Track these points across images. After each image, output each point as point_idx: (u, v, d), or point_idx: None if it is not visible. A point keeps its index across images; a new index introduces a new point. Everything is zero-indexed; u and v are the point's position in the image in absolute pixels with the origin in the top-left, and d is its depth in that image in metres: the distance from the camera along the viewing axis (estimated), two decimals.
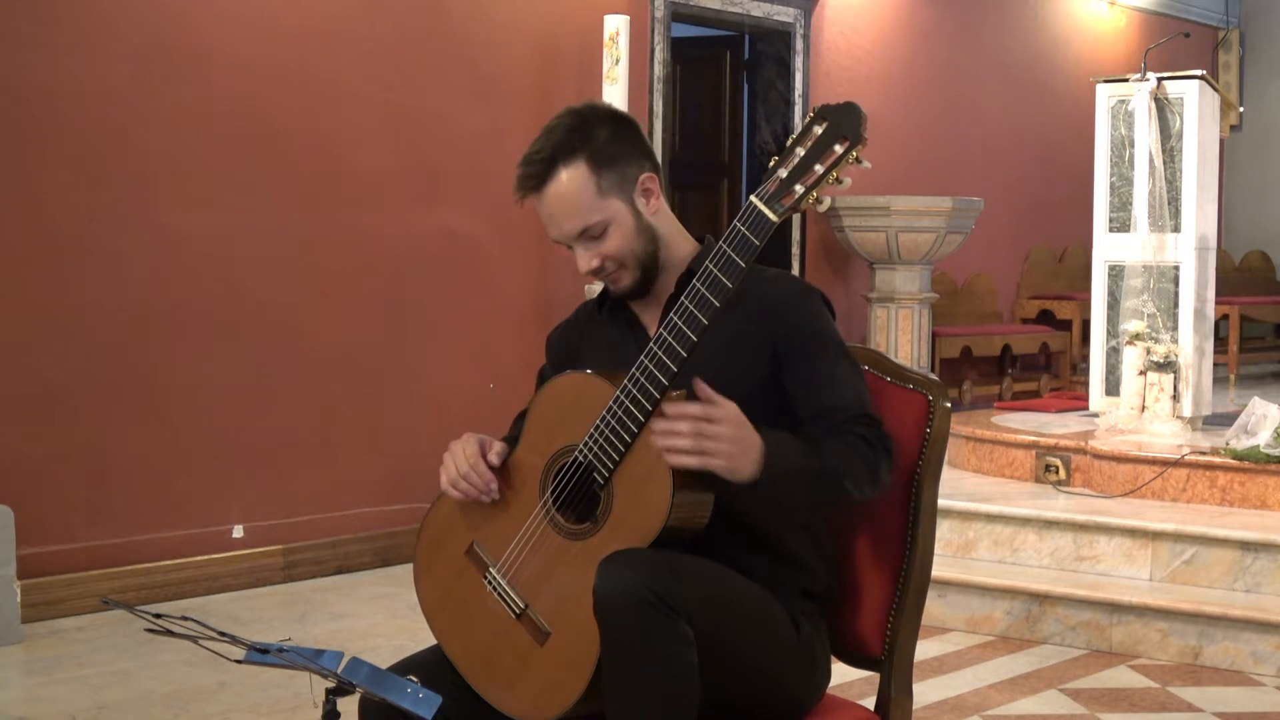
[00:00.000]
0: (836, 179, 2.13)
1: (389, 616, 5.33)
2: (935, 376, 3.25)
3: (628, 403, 2.21)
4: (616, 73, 6.90)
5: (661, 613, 2.09)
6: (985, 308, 9.76)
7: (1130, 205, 6.13)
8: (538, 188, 2.36)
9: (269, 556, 5.89)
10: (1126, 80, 6.16)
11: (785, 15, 8.33)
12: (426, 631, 2.43)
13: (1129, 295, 6.09)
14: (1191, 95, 6.02)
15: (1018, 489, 5.84)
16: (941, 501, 3.48)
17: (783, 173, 2.14)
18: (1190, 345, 5.98)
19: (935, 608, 5.16)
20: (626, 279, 2.41)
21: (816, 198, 2.14)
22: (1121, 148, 6.18)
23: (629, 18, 6.98)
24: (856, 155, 2.11)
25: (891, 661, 2.47)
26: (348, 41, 6.22)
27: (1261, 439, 5.42)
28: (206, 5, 5.77)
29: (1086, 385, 6.56)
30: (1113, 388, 6.18)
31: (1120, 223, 6.21)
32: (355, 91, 6.23)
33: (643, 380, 2.20)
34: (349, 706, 2.11)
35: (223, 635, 2.01)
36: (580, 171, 2.34)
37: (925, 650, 4.86)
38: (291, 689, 4.35)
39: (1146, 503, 5.44)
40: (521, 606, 2.30)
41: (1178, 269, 6.03)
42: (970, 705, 4.35)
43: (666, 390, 2.19)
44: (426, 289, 6.48)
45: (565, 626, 2.24)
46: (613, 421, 2.22)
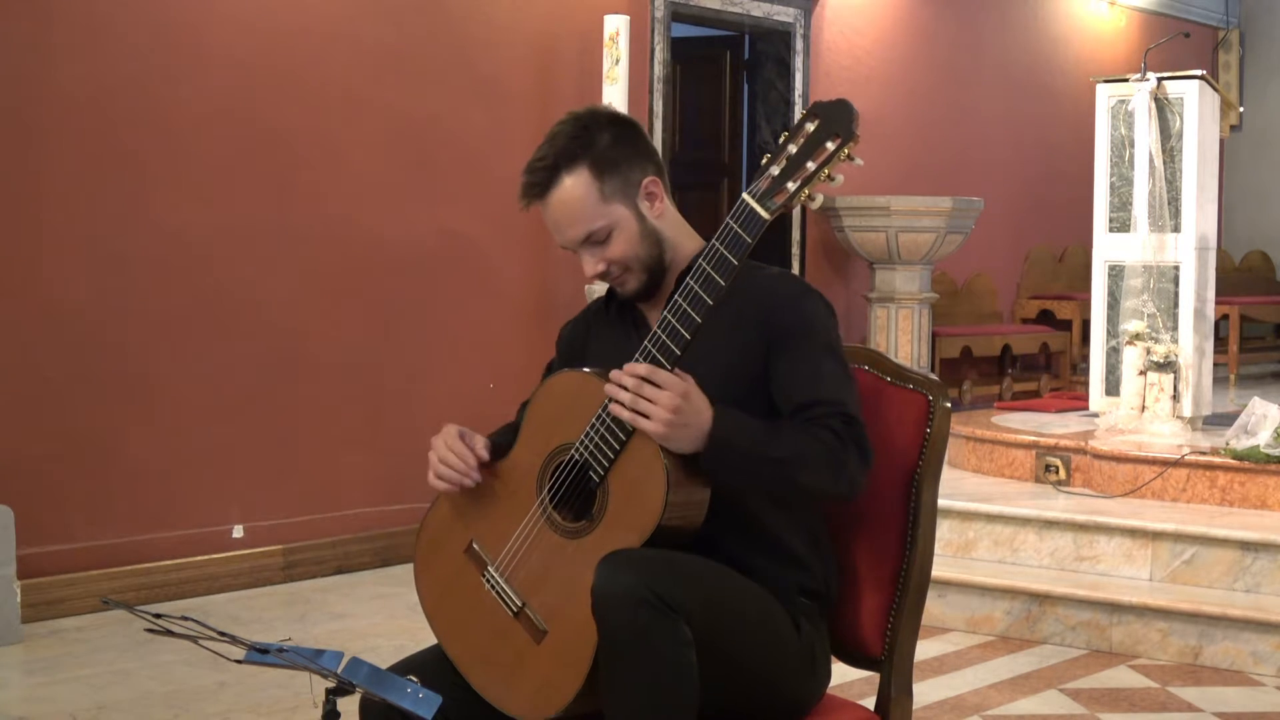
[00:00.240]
0: (829, 176, 2.13)
1: (389, 616, 5.33)
2: (935, 376, 3.25)
3: None
4: (616, 73, 6.90)
5: (660, 613, 2.10)
6: (985, 308, 9.77)
7: (1130, 205, 6.13)
8: (541, 195, 2.37)
9: (269, 556, 5.89)
10: (1126, 80, 6.16)
11: (785, 15, 8.33)
12: (426, 631, 2.43)
13: (1129, 295, 6.09)
14: (1191, 95, 6.02)
15: (1018, 489, 5.84)
16: (941, 501, 3.48)
17: (775, 170, 2.15)
18: (1190, 345, 5.98)
19: (935, 608, 5.16)
20: (632, 282, 2.42)
21: (809, 195, 2.14)
22: (1121, 148, 6.18)
23: (629, 18, 6.98)
24: (849, 152, 2.12)
25: (891, 661, 2.47)
26: (347, 42, 6.22)
27: (1261, 439, 5.42)
28: (206, 6, 5.77)
29: (1086, 385, 6.56)
30: (1113, 388, 6.18)
31: (1120, 223, 6.20)
32: (355, 92, 6.23)
33: None
34: (349, 706, 2.11)
35: (223, 635, 2.01)
36: (583, 178, 2.35)
37: (925, 650, 4.86)
38: (291, 689, 4.35)
39: (1146, 503, 5.44)
40: (519, 605, 2.30)
41: (1178, 269, 6.03)
42: (970, 705, 4.35)
43: None
44: (426, 289, 6.48)
45: (562, 624, 2.24)
46: (608, 419, 2.22)
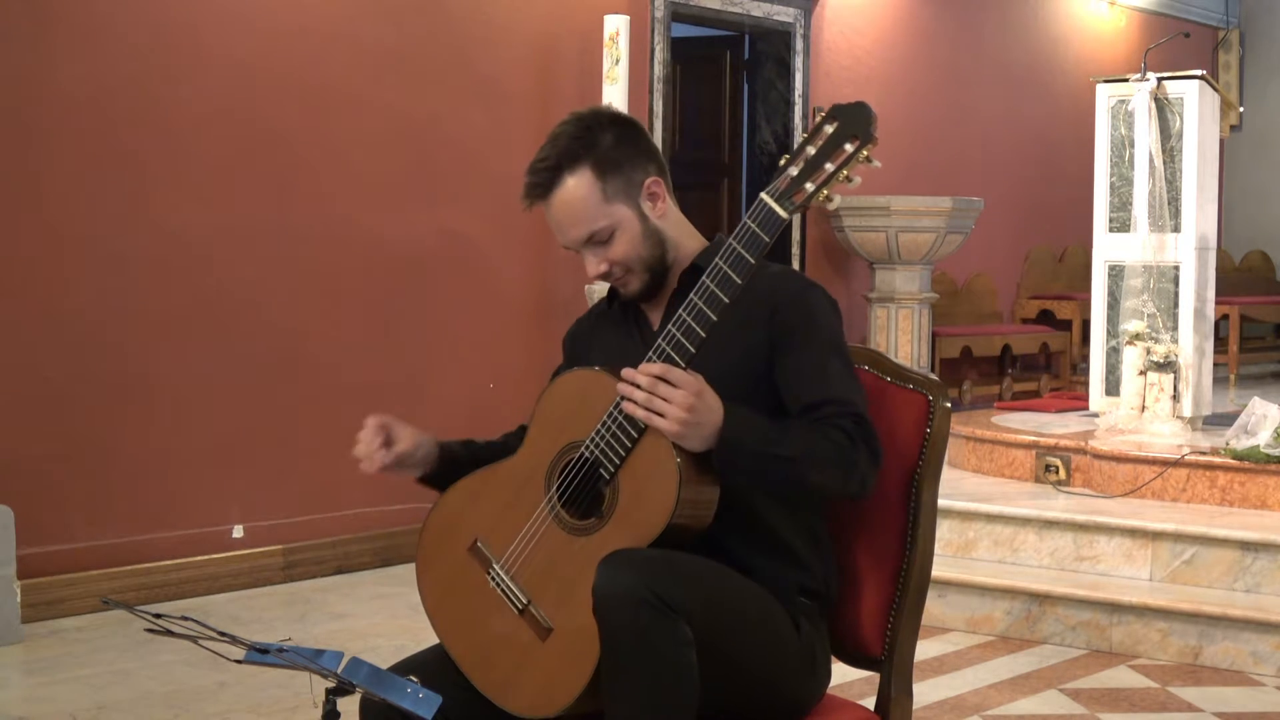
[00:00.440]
0: (847, 177, 2.16)
1: (389, 616, 5.33)
2: (935, 376, 3.25)
3: None
4: (616, 73, 6.90)
5: (661, 613, 2.10)
6: (985, 308, 9.77)
7: (1130, 205, 6.12)
8: (544, 196, 2.38)
9: (269, 556, 5.89)
10: (1126, 80, 6.16)
11: (785, 15, 8.33)
12: (427, 631, 2.43)
13: (1129, 295, 6.09)
14: (1191, 95, 6.02)
15: (1018, 489, 5.84)
16: (941, 501, 3.48)
17: (793, 170, 2.17)
18: (1190, 345, 5.98)
19: (935, 608, 5.16)
20: (635, 283, 2.42)
21: (827, 195, 2.16)
22: (1121, 148, 6.18)
23: (629, 18, 6.98)
24: (867, 154, 2.15)
25: (891, 661, 2.47)
26: (347, 42, 6.22)
27: (1261, 439, 5.42)
28: (206, 6, 5.77)
29: (1086, 385, 6.56)
30: (1113, 388, 6.18)
31: (1120, 223, 6.20)
32: (355, 92, 6.23)
33: None
34: (349, 706, 2.11)
35: (223, 635, 2.01)
36: (585, 178, 2.36)
37: (925, 650, 4.86)
38: (291, 689, 4.35)
39: (1146, 503, 5.44)
40: (524, 602, 2.30)
41: (1178, 269, 6.03)
42: (970, 705, 4.35)
43: None
44: (426, 289, 6.48)
45: (567, 623, 2.24)
46: (619, 417, 2.23)
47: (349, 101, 6.21)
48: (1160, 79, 6.04)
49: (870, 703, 2.52)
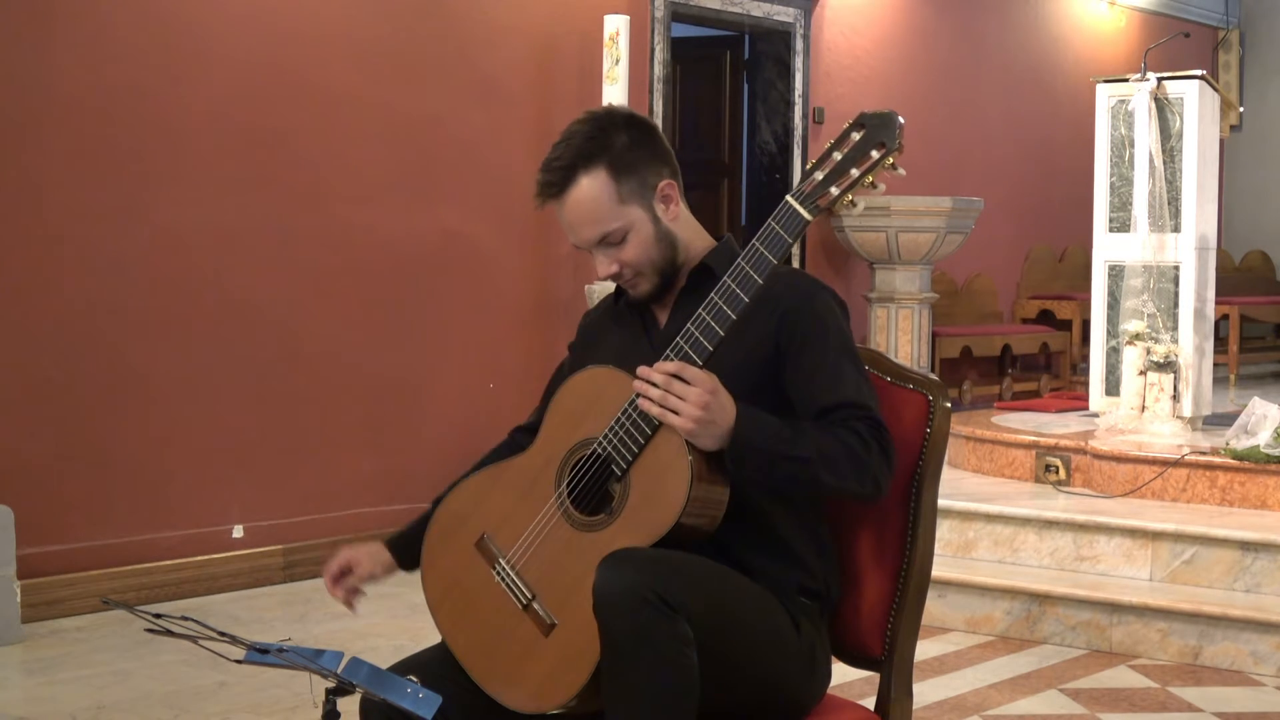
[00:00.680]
0: (872, 183, 2.21)
1: (389, 616, 5.33)
2: (935, 376, 3.25)
3: None
4: (616, 73, 6.90)
5: (661, 612, 2.10)
6: (985, 308, 9.77)
7: (1130, 205, 6.12)
8: (558, 195, 2.37)
9: (269, 556, 5.89)
10: (1126, 80, 6.16)
11: (785, 15, 8.33)
12: (426, 631, 2.43)
13: (1129, 295, 6.09)
14: (1191, 95, 6.02)
15: (1018, 489, 5.84)
16: (941, 501, 3.48)
17: (819, 175, 2.21)
18: (1190, 345, 5.98)
19: (935, 608, 5.15)
20: (644, 285, 2.43)
21: (851, 200, 2.20)
22: (1121, 148, 6.18)
23: (629, 18, 6.98)
24: (893, 162, 2.20)
25: (891, 661, 2.47)
26: (347, 42, 6.22)
27: (1261, 439, 5.42)
28: (206, 6, 5.77)
29: (1086, 385, 6.56)
30: (1113, 388, 6.18)
31: (1120, 223, 6.20)
32: (355, 91, 6.23)
33: None
34: (349, 706, 2.11)
35: (223, 635, 2.01)
36: (600, 179, 2.35)
37: (925, 650, 4.86)
38: (291, 689, 4.35)
39: (1146, 503, 5.44)
40: (529, 597, 2.30)
41: (1178, 269, 6.03)
42: (970, 705, 4.35)
43: None
44: (426, 289, 6.48)
45: (572, 618, 2.24)
46: (634, 414, 2.24)
47: (349, 101, 6.21)
48: (1160, 79, 6.04)
49: (870, 703, 2.52)
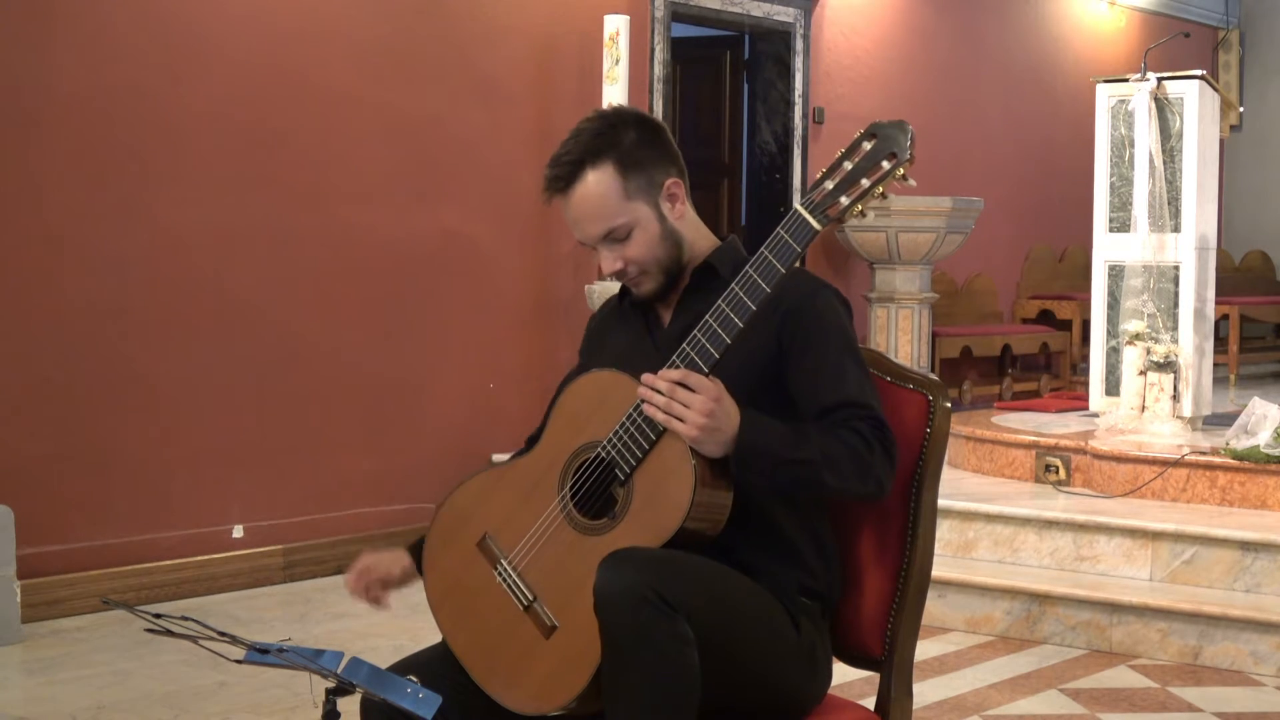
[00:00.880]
0: (882, 194, 2.20)
1: (389, 616, 5.30)
2: (935, 376, 3.25)
3: None
4: (616, 73, 6.90)
5: (661, 611, 2.10)
6: (985, 308, 9.76)
7: (1130, 205, 6.12)
8: (564, 189, 2.38)
9: (269, 556, 5.89)
10: (1126, 80, 6.16)
11: (785, 15, 8.33)
12: (426, 631, 2.43)
13: (1129, 295, 6.09)
14: (1191, 95, 6.02)
15: (1018, 489, 5.84)
16: (941, 501, 3.48)
17: (829, 184, 2.20)
18: (1190, 345, 5.98)
19: (935, 608, 5.15)
20: (649, 284, 2.43)
21: (861, 211, 2.19)
22: (1121, 148, 6.18)
23: (629, 18, 6.98)
24: (903, 173, 2.18)
25: (891, 661, 2.47)
26: (347, 41, 6.22)
27: (1261, 439, 5.42)
28: (206, 6, 5.77)
29: (1086, 385, 6.56)
30: (1113, 388, 6.17)
31: (1120, 223, 6.20)
32: (355, 91, 6.23)
33: None
34: (349, 706, 2.11)
35: (223, 635, 2.01)
36: (607, 174, 2.36)
37: (925, 650, 4.86)
38: (291, 689, 4.35)
39: (1146, 503, 5.44)
40: (530, 599, 2.30)
41: (1178, 269, 6.03)
42: (970, 705, 4.35)
43: None
44: (426, 289, 6.48)
45: (572, 621, 2.24)
46: (639, 419, 2.24)
47: (349, 101, 6.21)
48: (1160, 79, 6.04)
49: (870, 703, 2.52)
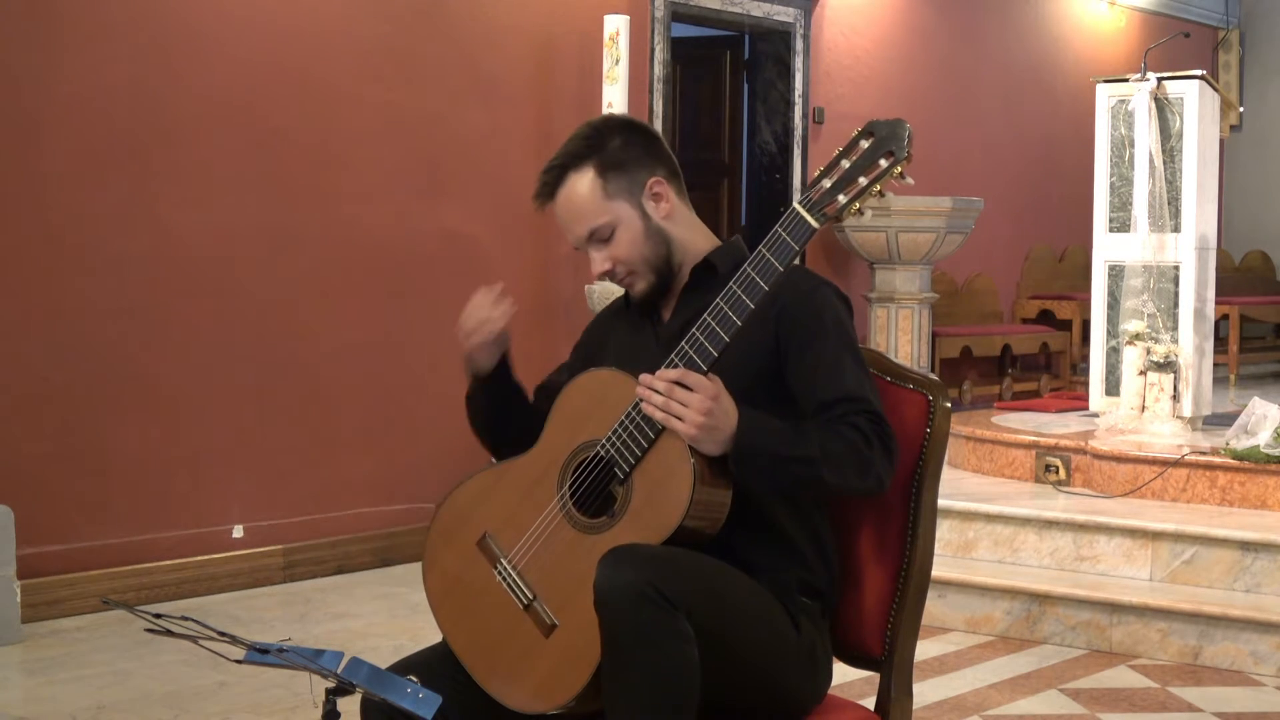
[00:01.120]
0: (879, 192, 2.21)
1: (389, 616, 5.33)
2: (935, 376, 3.25)
3: None
4: (616, 73, 6.90)
5: (661, 608, 2.10)
6: (985, 308, 9.76)
7: (1130, 205, 6.12)
8: (551, 195, 2.46)
9: (269, 556, 5.89)
10: (1126, 80, 6.16)
11: (785, 15, 8.33)
12: (426, 631, 2.43)
13: (1129, 295, 6.09)
14: (1191, 95, 6.02)
15: (1018, 489, 5.84)
16: (941, 501, 3.48)
17: (826, 183, 2.22)
18: (1190, 345, 5.98)
19: (935, 608, 5.15)
20: (640, 283, 2.46)
21: (859, 209, 2.20)
22: (1121, 148, 6.18)
23: (629, 18, 6.98)
24: (900, 171, 2.19)
25: (891, 661, 2.47)
26: (348, 41, 6.22)
27: (1261, 439, 5.42)
28: (206, 5, 5.76)
29: (1086, 385, 6.56)
30: (1113, 388, 6.18)
31: (1120, 223, 6.20)
32: (355, 91, 6.23)
33: None
34: (349, 706, 2.11)
35: (223, 635, 2.01)
36: (587, 176, 2.42)
37: (925, 650, 4.86)
38: (291, 689, 4.35)
39: (1146, 503, 5.44)
40: (530, 598, 2.31)
41: (1178, 269, 6.03)
42: (970, 705, 4.35)
43: None
44: (426, 288, 6.48)
45: (572, 619, 2.24)
46: (637, 418, 2.25)
47: (350, 101, 6.21)
48: (1160, 79, 6.04)
49: (870, 703, 2.52)
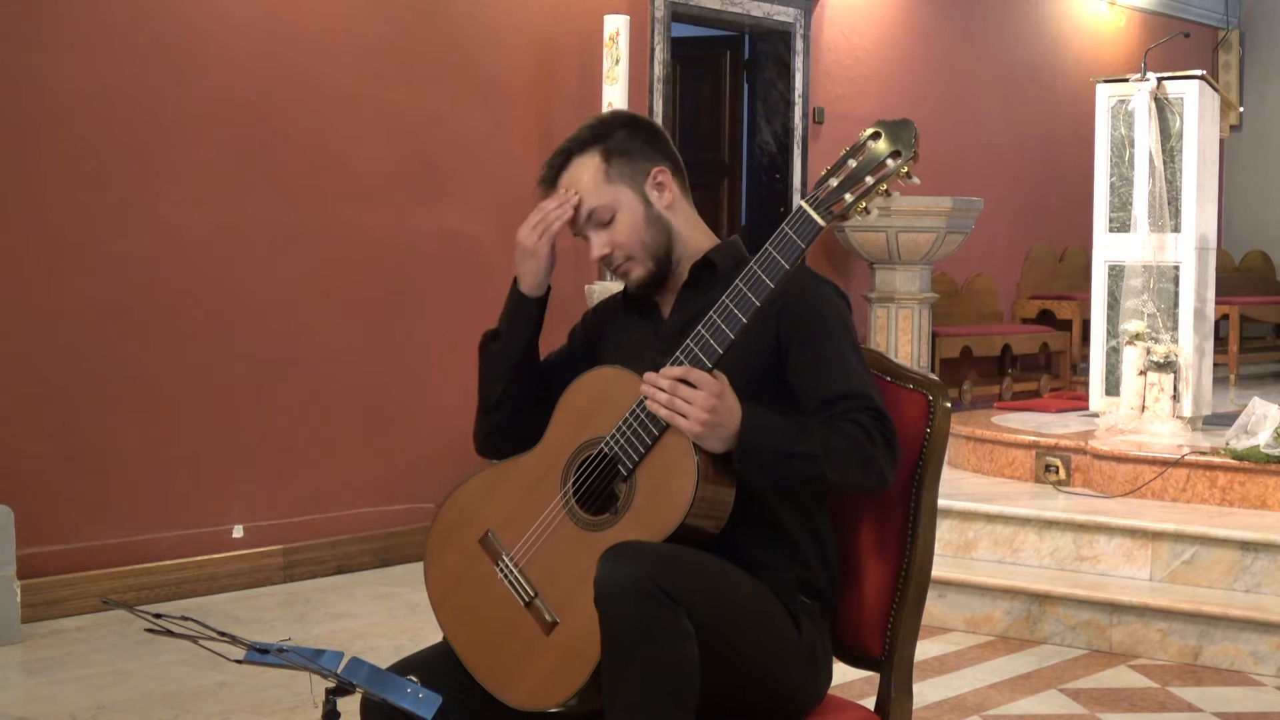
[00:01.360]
0: (886, 191, 2.22)
1: (389, 616, 5.33)
2: (935, 376, 3.26)
3: None
4: (616, 73, 6.90)
5: (661, 605, 2.10)
6: (985, 308, 9.77)
7: (1130, 205, 6.12)
8: (554, 179, 2.47)
9: (269, 556, 5.89)
10: (1126, 80, 6.16)
11: (785, 15, 8.33)
12: (426, 631, 2.43)
13: (1129, 295, 6.09)
14: (1191, 95, 6.02)
15: (1018, 489, 5.84)
16: (941, 501, 3.48)
17: (834, 181, 2.23)
18: (1190, 345, 5.98)
19: (935, 608, 5.15)
20: (638, 269, 2.46)
21: (865, 208, 2.21)
22: (1121, 148, 6.18)
23: (629, 18, 6.98)
24: (907, 170, 2.20)
25: (891, 661, 2.47)
26: (348, 41, 6.22)
27: (1261, 439, 5.42)
28: (207, 5, 5.77)
29: (1086, 385, 6.56)
30: (1113, 388, 6.17)
31: (1120, 223, 6.20)
32: (355, 91, 6.23)
33: None
34: (349, 706, 2.11)
35: (223, 635, 2.01)
36: (591, 160, 2.45)
37: (925, 650, 4.86)
38: (291, 689, 4.35)
39: (1146, 503, 5.44)
40: (531, 595, 2.31)
41: (1178, 269, 6.03)
42: (970, 705, 4.35)
43: None
44: (426, 289, 6.48)
45: (573, 617, 2.24)
46: (642, 415, 2.25)
47: (350, 101, 6.21)
48: (1160, 79, 6.04)
49: (870, 703, 2.52)
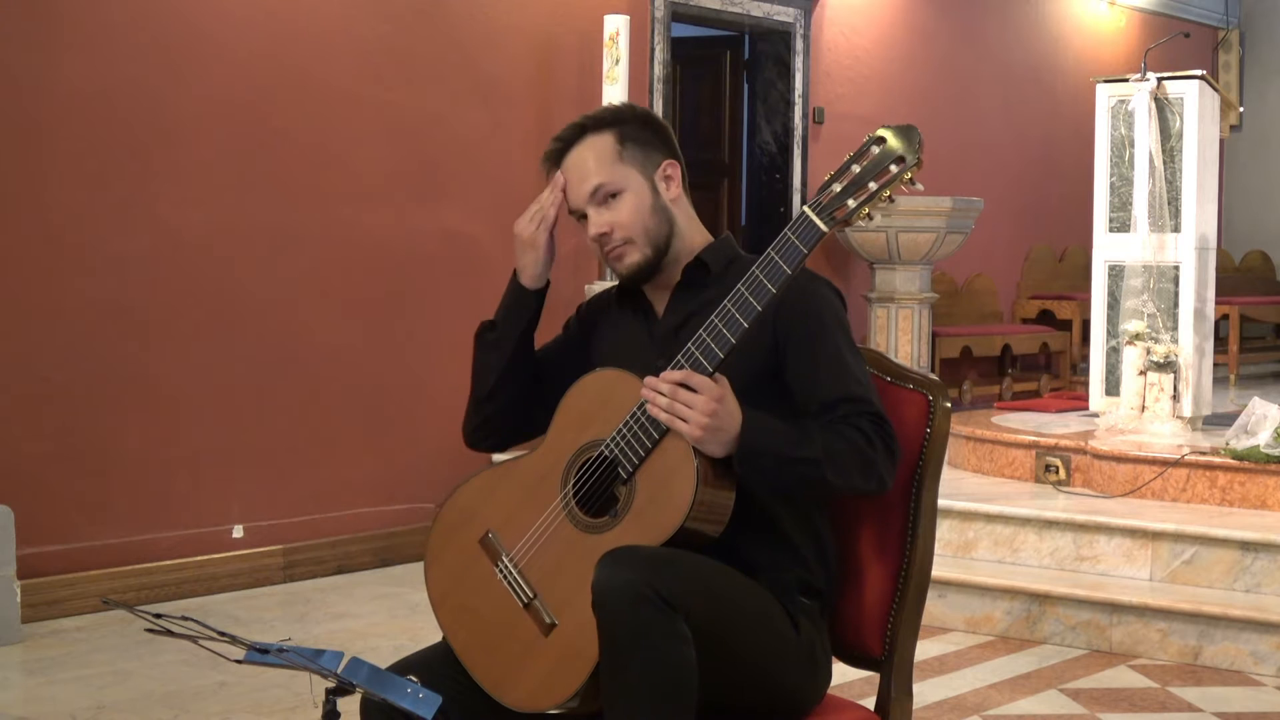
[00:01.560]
0: (889, 197, 2.21)
1: (389, 616, 5.33)
2: (935, 376, 3.25)
3: None
4: (616, 73, 6.90)
5: (659, 609, 2.10)
6: (985, 308, 9.77)
7: (1130, 205, 6.12)
8: (564, 152, 2.46)
9: (269, 556, 5.89)
10: (1126, 80, 6.16)
11: (785, 15, 8.33)
12: (426, 631, 2.43)
13: (1129, 295, 6.09)
14: (1191, 95, 6.02)
15: (1018, 489, 5.84)
16: (941, 501, 3.48)
17: (837, 187, 2.22)
18: (1190, 345, 5.98)
19: (935, 608, 5.15)
20: (633, 254, 2.45)
21: (868, 214, 2.21)
22: (1121, 148, 6.18)
23: (629, 18, 6.98)
24: (911, 176, 2.19)
25: (891, 661, 2.47)
26: (348, 41, 6.22)
27: (1261, 439, 5.42)
28: (207, 5, 5.77)
29: (1086, 385, 6.56)
30: (1113, 388, 6.17)
31: (1120, 223, 6.20)
32: (355, 91, 6.23)
33: None
34: (349, 706, 2.11)
35: (223, 635, 2.01)
36: (605, 139, 2.45)
37: (925, 650, 4.86)
38: (291, 689, 4.35)
39: (1146, 503, 5.44)
40: (530, 596, 2.31)
41: (1178, 269, 6.03)
42: (970, 705, 4.35)
43: None
44: (426, 289, 6.48)
45: (572, 619, 2.24)
46: (642, 418, 2.25)
47: (350, 101, 6.21)
48: (1160, 79, 6.04)
49: (870, 703, 2.52)
